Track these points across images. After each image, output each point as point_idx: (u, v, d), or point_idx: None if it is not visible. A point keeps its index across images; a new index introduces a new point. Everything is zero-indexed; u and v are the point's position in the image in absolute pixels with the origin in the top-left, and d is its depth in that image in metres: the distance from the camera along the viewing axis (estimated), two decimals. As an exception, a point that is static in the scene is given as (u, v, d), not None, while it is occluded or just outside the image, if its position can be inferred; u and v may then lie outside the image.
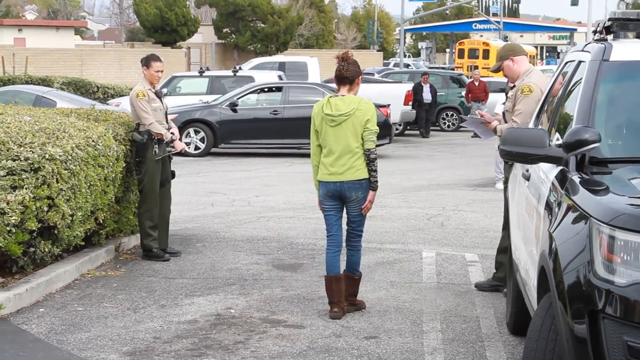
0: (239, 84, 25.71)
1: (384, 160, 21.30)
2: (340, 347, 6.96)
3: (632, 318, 4.06)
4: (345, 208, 7.81)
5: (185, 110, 21.57)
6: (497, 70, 8.64)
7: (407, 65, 60.89)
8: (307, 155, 21.13)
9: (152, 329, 7.40)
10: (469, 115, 10.63)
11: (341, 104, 7.61)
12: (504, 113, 8.68)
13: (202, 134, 21.58)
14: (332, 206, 7.76)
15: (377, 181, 7.69)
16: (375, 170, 7.66)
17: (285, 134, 21.66)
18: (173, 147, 10.16)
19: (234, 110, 21.73)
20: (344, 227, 7.90)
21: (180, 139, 10.38)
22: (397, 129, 27.22)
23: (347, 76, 7.65)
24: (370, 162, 7.62)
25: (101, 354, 6.77)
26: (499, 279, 8.65)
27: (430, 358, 6.74)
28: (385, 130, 21.65)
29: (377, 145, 7.64)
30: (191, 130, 21.50)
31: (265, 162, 20.62)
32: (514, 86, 8.44)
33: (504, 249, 8.32)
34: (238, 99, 21.96)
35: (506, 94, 8.84)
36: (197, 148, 21.53)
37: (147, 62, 10.07)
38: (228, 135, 21.67)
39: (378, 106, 21.80)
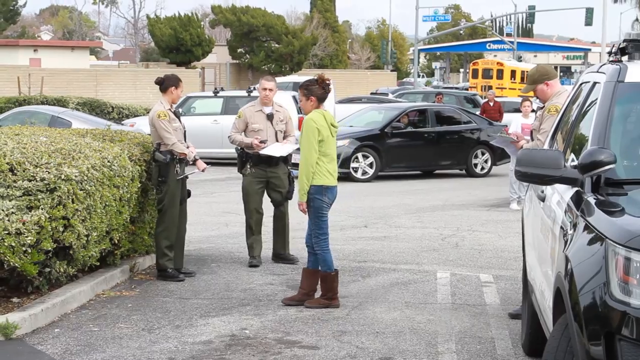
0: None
1: (398, 181, 21.30)
2: (355, 368, 6.95)
3: (649, 340, 4.05)
4: None
5: (351, 136, 21.36)
6: (527, 91, 8.94)
7: (455, 87, 60.84)
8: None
9: (167, 349, 7.40)
10: (498, 134, 10.75)
11: (331, 118, 8.90)
12: (531, 132, 8.82)
13: (370, 159, 21.20)
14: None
15: None
16: None
17: (443, 156, 22.28)
18: (195, 167, 10.29)
19: (394, 135, 21.61)
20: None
21: (349, 165, 10.97)
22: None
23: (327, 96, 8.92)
24: None
25: (116, 374, 6.78)
26: None
27: (445, 379, 6.72)
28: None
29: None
30: (360, 155, 21.10)
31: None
32: (544, 106, 8.62)
33: None
34: (397, 122, 21.83)
35: (535, 112, 9.00)
36: (364, 173, 21.09)
37: (176, 82, 10.15)
38: (392, 160, 21.49)
39: (503, 126, 22.25)
